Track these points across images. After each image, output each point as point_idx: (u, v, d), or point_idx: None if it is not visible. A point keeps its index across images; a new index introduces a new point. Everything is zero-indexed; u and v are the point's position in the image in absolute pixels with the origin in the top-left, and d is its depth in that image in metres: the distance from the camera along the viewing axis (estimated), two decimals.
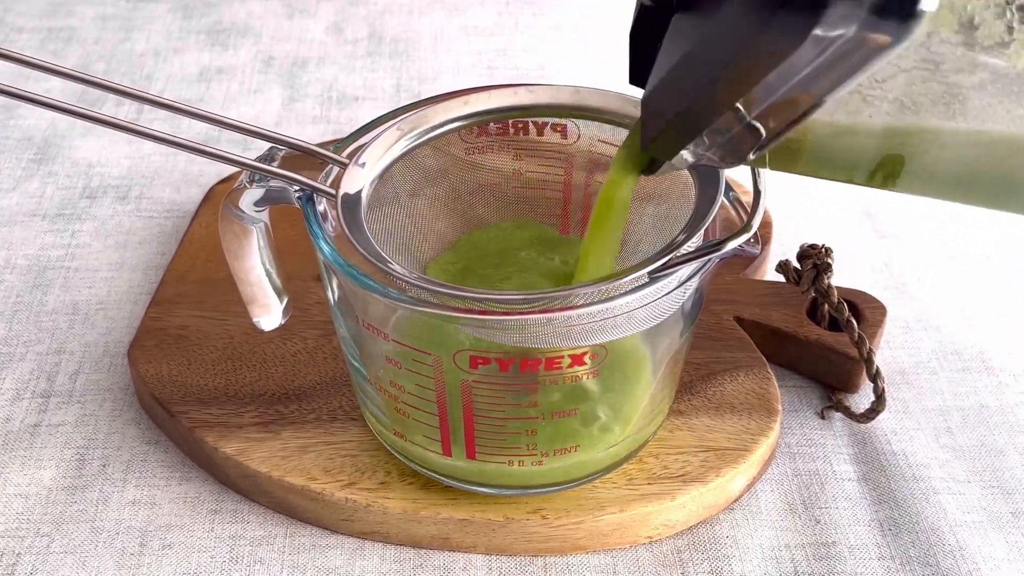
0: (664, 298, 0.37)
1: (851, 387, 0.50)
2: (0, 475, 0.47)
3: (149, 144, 0.67)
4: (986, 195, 0.32)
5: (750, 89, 0.28)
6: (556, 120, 0.44)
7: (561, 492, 0.43)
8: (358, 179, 0.40)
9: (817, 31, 0.24)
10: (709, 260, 0.37)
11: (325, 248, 0.38)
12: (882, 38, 0.25)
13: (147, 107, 0.69)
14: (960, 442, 0.48)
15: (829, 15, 0.24)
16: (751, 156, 0.32)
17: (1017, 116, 0.29)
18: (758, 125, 0.30)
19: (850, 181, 0.33)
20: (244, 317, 0.46)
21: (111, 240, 0.60)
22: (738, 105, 0.29)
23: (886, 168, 0.32)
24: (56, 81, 0.71)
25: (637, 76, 0.36)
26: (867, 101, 0.29)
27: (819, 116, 0.29)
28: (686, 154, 0.33)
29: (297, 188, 0.40)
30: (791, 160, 0.33)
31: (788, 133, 0.30)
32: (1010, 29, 0.26)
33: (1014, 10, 0.26)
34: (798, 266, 0.50)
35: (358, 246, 0.37)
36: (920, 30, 0.25)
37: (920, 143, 0.30)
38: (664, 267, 0.35)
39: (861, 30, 0.25)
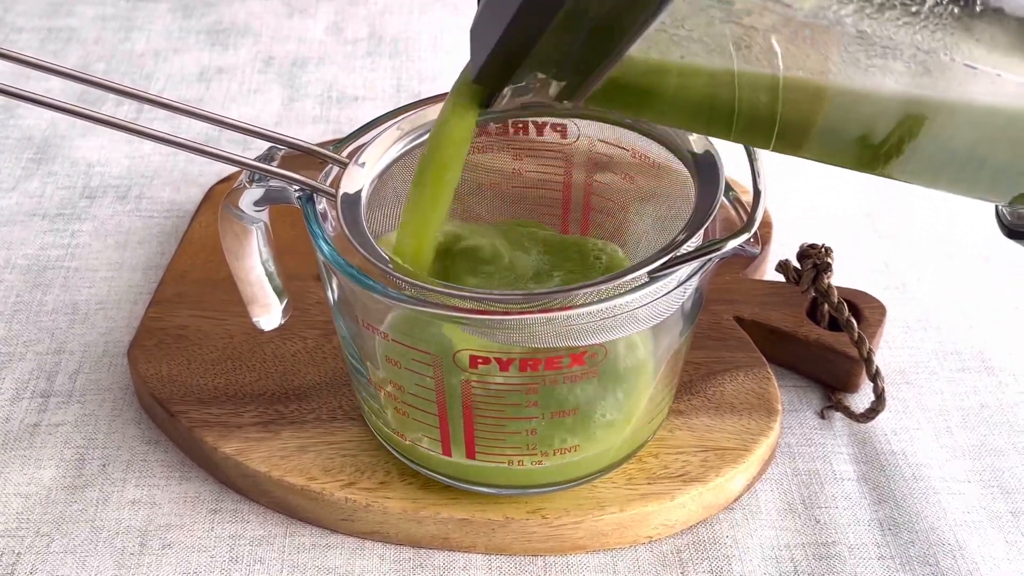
0: (664, 298, 0.37)
1: (851, 387, 0.50)
2: (0, 475, 0.47)
3: (149, 144, 0.67)
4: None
5: (554, 14, 0.28)
6: (556, 120, 0.44)
7: (561, 492, 0.43)
8: (358, 179, 0.40)
9: None
10: (709, 260, 0.37)
11: (325, 248, 0.38)
12: None
13: (147, 107, 0.69)
14: (960, 442, 0.48)
15: None
16: (583, 93, 0.32)
17: (812, 61, 0.29)
18: (579, 56, 0.30)
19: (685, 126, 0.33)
20: (244, 317, 0.46)
21: (111, 240, 0.60)
22: (554, 36, 0.29)
23: (704, 112, 0.32)
24: (56, 81, 0.71)
25: None
26: (674, 41, 0.29)
27: (637, 55, 0.29)
28: (521, 87, 0.33)
29: (297, 188, 0.40)
30: (610, 99, 0.33)
31: (607, 68, 0.30)
32: None
33: None
34: (798, 266, 0.50)
35: (358, 246, 0.37)
36: None
37: (743, 87, 0.31)
38: (664, 267, 0.35)
39: None
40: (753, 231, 0.36)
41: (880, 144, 0.31)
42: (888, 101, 0.30)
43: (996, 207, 0.37)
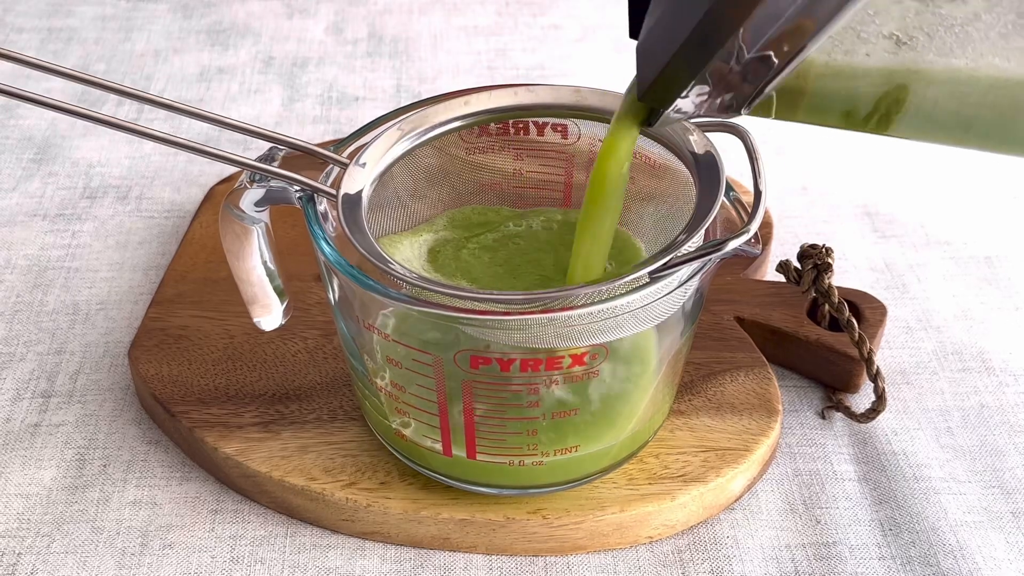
0: (664, 298, 0.37)
1: (851, 387, 0.50)
2: (0, 475, 0.47)
3: (149, 144, 0.67)
4: (986, 138, 0.32)
5: (740, 22, 0.27)
6: (556, 120, 0.44)
7: (561, 492, 0.43)
8: (359, 179, 0.41)
9: None
10: (709, 260, 0.37)
11: (326, 248, 0.38)
12: None
13: (147, 107, 0.69)
14: (960, 442, 0.48)
15: None
16: (751, 103, 0.31)
17: (1014, 48, 0.28)
18: (754, 66, 0.30)
19: (850, 127, 0.32)
20: (244, 317, 0.46)
21: (111, 240, 0.60)
22: (733, 45, 0.29)
23: (887, 111, 0.31)
24: (56, 81, 0.71)
25: (636, 28, 0.36)
26: (861, 38, 0.28)
27: (817, 57, 0.29)
28: (686, 103, 0.33)
29: (298, 188, 0.40)
30: (793, 107, 0.32)
31: (785, 74, 0.30)
32: None
33: None
34: (798, 266, 0.50)
35: (358, 246, 0.37)
36: None
37: (921, 84, 0.29)
38: (664, 267, 0.35)
39: None
40: (754, 231, 0.36)
41: None
42: None
43: None
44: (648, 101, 0.35)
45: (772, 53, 0.29)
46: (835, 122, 0.33)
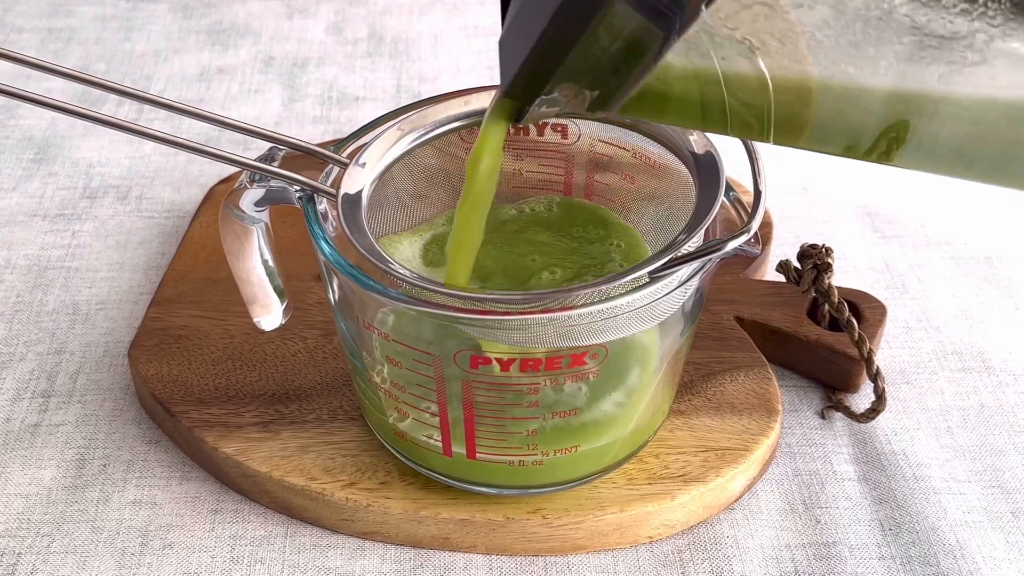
0: (664, 298, 0.37)
1: (851, 387, 0.50)
2: (0, 475, 0.47)
3: (149, 144, 0.67)
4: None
5: (589, 21, 0.27)
6: (556, 120, 0.44)
7: (561, 492, 0.43)
8: (358, 179, 0.41)
9: None
10: (709, 260, 0.37)
11: (326, 248, 0.38)
12: None
13: (147, 107, 0.69)
14: (960, 442, 0.48)
15: None
16: (618, 101, 0.31)
17: (865, 57, 0.27)
18: (613, 65, 0.29)
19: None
20: (244, 317, 0.46)
21: (111, 240, 0.60)
22: (588, 44, 0.28)
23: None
24: (56, 81, 0.71)
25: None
26: (715, 42, 0.28)
27: (676, 61, 0.28)
28: (552, 99, 0.33)
29: (297, 188, 0.40)
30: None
31: (645, 76, 0.29)
32: None
33: None
34: (798, 266, 0.50)
35: (358, 246, 0.37)
36: None
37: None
38: (664, 267, 0.35)
39: None
40: (754, 231, 0.36)
41: (912, 137, 0.30)
42: (962, 102, 0.28)
43: None
44: (513, 97, 0.34)
45: (625, 54, 0.29)
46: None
